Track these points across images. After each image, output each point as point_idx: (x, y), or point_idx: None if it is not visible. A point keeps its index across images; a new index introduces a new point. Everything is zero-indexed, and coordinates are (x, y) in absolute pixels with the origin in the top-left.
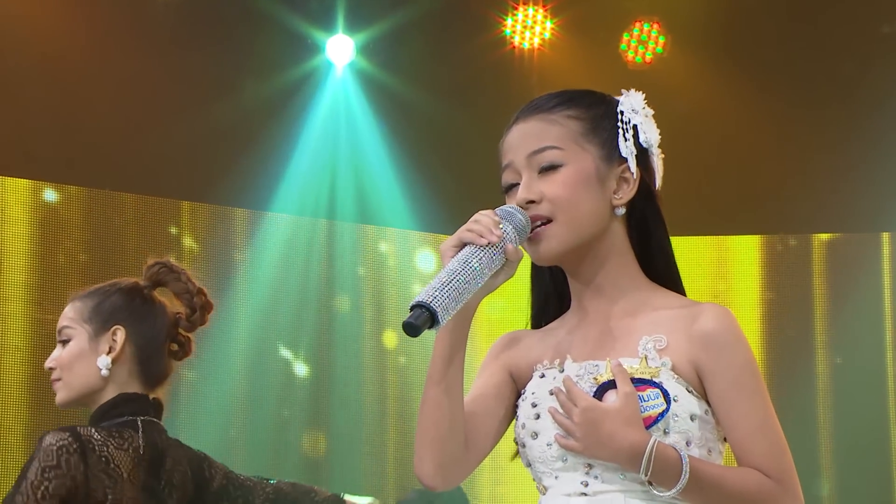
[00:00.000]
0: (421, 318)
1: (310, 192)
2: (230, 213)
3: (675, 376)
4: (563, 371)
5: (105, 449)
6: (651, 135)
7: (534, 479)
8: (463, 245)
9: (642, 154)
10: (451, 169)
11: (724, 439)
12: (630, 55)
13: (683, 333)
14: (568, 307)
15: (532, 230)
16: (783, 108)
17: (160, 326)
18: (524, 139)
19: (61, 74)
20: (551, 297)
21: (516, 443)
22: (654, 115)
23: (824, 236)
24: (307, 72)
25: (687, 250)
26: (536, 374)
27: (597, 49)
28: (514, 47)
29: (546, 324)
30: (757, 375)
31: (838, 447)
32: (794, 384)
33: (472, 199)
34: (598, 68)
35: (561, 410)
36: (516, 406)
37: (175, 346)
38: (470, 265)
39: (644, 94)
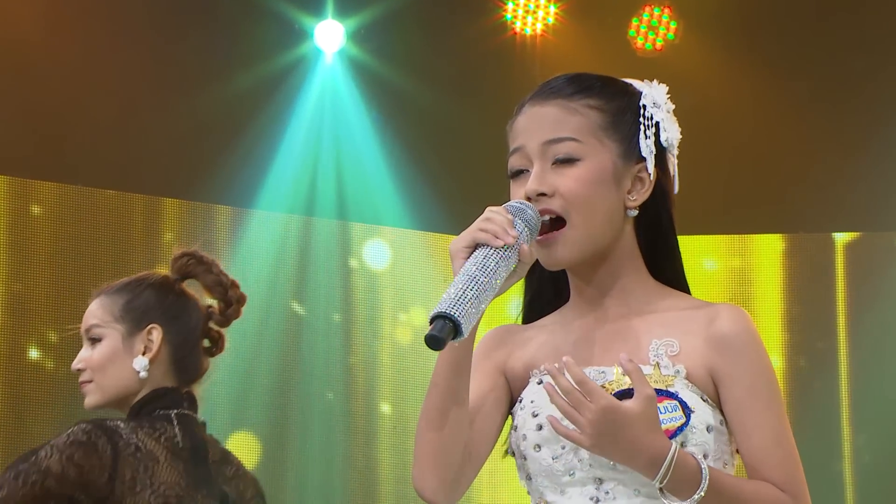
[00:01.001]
0: (445, 330)
1: (297, 189)
2: (213, 210)
3: (690, 385)
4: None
5: (133, 436)
6: (672, 134)
7: (529, 494)
8: (475, 246)
9: (660, 153)
10: (448, 163)
11: (736, 451)
12: (639, 42)
13: (698, 336)
14: (565, 300)
15: (542, 231)
16: (803, 98)
17: (195, 323)
18: (540, 124)
19: (32, 62)
20: (546, 288)
21: (512, 453)
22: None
23: (848, 235)
24: (294, 60)
25: (702, 249)
26: (534, 380)
27: (604, 35)
28: (515, 33)
29: (538, 317)
30: (774, 382)
31: (863, 453)
32: (816, 387)
33: (470, 194)
34: (605, 56)
35: (560, 394)
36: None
37: (207, 343)
38: (488, 268)
39: (667, 88)
